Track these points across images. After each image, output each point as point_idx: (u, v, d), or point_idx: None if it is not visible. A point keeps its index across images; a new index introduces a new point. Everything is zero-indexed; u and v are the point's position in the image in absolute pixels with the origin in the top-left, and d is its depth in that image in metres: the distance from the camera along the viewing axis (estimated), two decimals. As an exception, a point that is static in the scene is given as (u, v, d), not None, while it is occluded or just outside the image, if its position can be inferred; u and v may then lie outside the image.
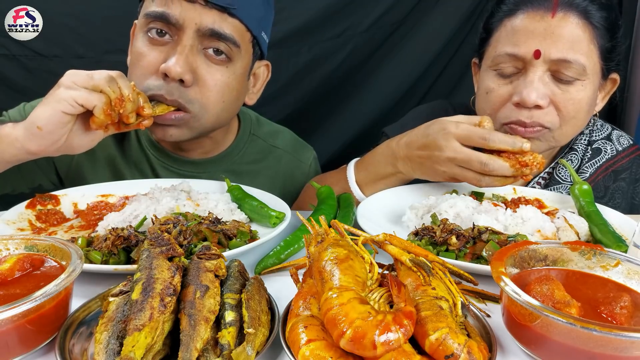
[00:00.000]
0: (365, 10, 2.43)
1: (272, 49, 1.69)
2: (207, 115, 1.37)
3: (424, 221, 1.21)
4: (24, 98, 1.58)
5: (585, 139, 1.56)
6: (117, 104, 1.12)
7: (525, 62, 1.32)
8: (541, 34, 1.30)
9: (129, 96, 1.13)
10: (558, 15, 1.30)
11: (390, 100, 2.61)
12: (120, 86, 1.13)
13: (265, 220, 1.19)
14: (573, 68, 1.29)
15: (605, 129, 1.60)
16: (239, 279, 0.82)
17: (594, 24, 1.32)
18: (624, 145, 1.58)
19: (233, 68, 1.37)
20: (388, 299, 0.72)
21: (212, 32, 1.29)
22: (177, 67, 1.27)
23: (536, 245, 0.86)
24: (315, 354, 0.64)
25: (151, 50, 1.32)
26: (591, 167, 1.53)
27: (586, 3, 1.32)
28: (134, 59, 1.37)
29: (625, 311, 0.73)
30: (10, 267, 0.81)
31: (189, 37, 1.29)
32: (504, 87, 1.37)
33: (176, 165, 1.58)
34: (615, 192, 1.54)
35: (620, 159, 1.55)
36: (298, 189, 1.70)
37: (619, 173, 1.54)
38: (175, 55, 1.28)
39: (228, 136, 1.64)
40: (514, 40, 1.34)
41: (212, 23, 1.29)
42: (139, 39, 1.35)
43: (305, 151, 1.79)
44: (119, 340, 0.65)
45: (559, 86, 1.32)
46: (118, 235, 1.00)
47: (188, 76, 1.29)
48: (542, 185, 1.56)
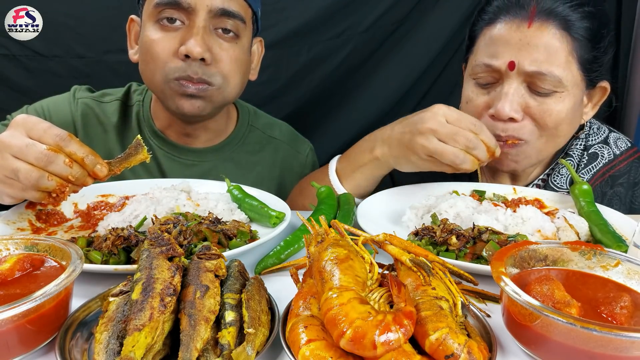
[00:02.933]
0: (365, 10, 2.43)
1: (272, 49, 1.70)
2: (229, 87, 1.46)
3: (424, 221, 1.21)
4: (23, 98, 1.59)
5: (581, 144, 1.52)
6: (56, 191, 1.02)
7: (501, 73, 1.31)
8: (516, 45, 1.27)
9: (72, 174, 1.01)
10: (535, 25, 1.27)
11: (390, 100, 2.61)
12: (59, 171, 1.00)
13: (265, 220, 1.19)
14: (548, 80, 1.26)
15: (602, 132, 1.56)
16: (239, 279, 0.82)
17: (573, 35, 1.28)
18: (622, 148, 1.54)
19: (241, 43, 1.46)
20: (388, 299, 0.72)
21: (223, 11, 1.38)
22: (197, 47, 1.34)
23: (536, 245, 0.86)
24: (315, 354, 0.64)
25: (165, 36, 1.39)
26: (588, 173, 1.50)
27: (567, 12, 1.28)
28: (146, 49, 1.41)
29: (625, 311, 0.73)
30: (10, 267, 0.81)
31: (201, 18, 1.37)
32: (481, 97, 1.37)
33: (178, 153, 1.62)
34: (613, 198, 1.51)
35: (617, 163, 1.51)
36: (296, 179, 1.73)
37: (617, 178, 1.51)
38: (193, 37, 1.35)
39: (228, 125, 1.70)
40: (491, 50, 1.32)
41: (221, 3, 1.37)
42: (148, 28, 1.41)
43: (302, 142, 1.84)
44: (119, 340, 0.65)
45: (535, 98, 1.30)
46: (118, 235, 1.00)
47: (208, 54, 1.37)
48: None
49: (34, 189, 1.01)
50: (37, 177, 0.98)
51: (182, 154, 1.62)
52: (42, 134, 1.00)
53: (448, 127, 1.19)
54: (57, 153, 0.99)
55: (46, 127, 1.01)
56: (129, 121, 1.62)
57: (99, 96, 1.63)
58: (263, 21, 1.58)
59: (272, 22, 2.29)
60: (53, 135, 1.00)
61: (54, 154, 0.98)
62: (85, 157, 1.01)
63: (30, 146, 0.98)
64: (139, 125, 1.62)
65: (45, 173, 0.99)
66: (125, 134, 1.62)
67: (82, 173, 1.02)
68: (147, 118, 1.61)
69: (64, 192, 1.02)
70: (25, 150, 0.98)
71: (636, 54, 2.58)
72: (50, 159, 0.98)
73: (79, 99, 1.60)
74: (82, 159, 1.01)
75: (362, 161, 1.40)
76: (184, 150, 1.62)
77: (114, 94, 1.65)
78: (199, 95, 1.41)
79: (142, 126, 1.62)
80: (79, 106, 1.59)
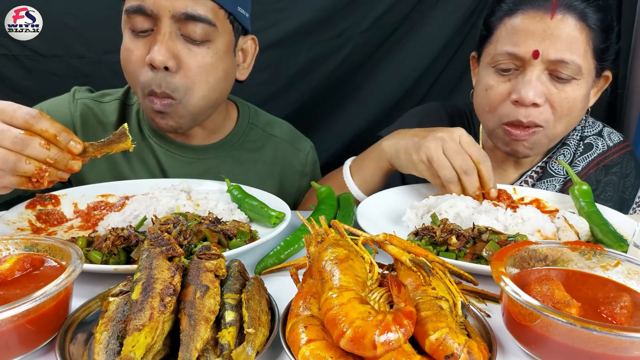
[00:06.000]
0: (365, 10, 2.43)
1: (272, 49, 1.69)
2: (194, 98, 1.41)
3: (424, 221, 1.21)
4: (23, 98, 1.58)
5: (578, 135, 1.62)
6: (36, 176, 1.00)
7: (524, 61, 1.36)
8: (540, 35, 1.33)
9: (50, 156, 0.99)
10: (557, 16, 1.33)
11: (391, 100, 2.61)
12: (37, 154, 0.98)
13: (265, 220, 1.19)
14: (570, 68, 1.33)
15: (596, 126, 1.66)
16: (239, 279, 0.82)
17: (590, 25, 1.35)
18: (615, 141, 1.64)
19: (215, 47, 1.40)
20: (388, 299, 0.72)
21: (187, 15, 1.33)
22: (159, 55, 1.31)
23: (536, 245, 0.86)
24: (315, 354, 0.64)
25: (136, 44, 1.37)
26: (583, 161, 1.60)
27: (584, 5, 1.35)
28: (123, 57, 1.41)
29: (625, 311, 0.73)
30: (10, 267, 0.81)
31: (165, 24, 1.33)
32: (502, 85, 1.41)
33: (179, 151, 1.61)
34: (607, 185, 1.60)
35: (611, 154, 1.61)
36: (296, 178, 1.75)
37: (610, 167, 1.60)
38: (157, 44, 1.32)
39: (227, 123, 1.69)
40: (514, 39, 1.37)
41: (184, 7, 1.32)
42: (125, 36, 1.40)
43: (303, 141, 1.83)
44: (119, 340, 0.65)
45: (555, 85, 1.36)
46: (118, 235, 1.00)
47: (171, 62, 1.33)
48: (535, 178, 1.61)
49: (12, 173, 0.99)
50: (15, 161, 0.97)
51: (182, 152, 1.62)
52: (11, 114, 0.98)
53: (455, 144, 1.27)
54: (33, 136, 0.98)
55: (15, 107, 0.99)
56: (128, 120, 1.62)
57: (99, 96, 1.64)
58: (263, 21, 1.57)
59: (272, 22, 2.29)
60: (23, 114, 0.98)
61: (30, 137, 0.97)
62: (58, 134, 1.00)
63: (5, 131, 0.97)
64: (139, 125, 1.62)
65: (23, 157, 0.98)
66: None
67: (62, 156, 1.01)
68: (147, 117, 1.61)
69: (43, 177, 1.00)
70: (0, 135, 0.97)
71: (636, 54, 2.58)
72: (26, 142, 0.97)
73: (78, 99, 1.60)
74: (54, 136, 0.99)
75: (369, 151, 1.48)
76: (184, 148, 1.62)
77: (113, 94, 1.65)
78: (166, 112, 1.39)
79: (142, 125, 1.62)
80: (78, 107, 1.59)
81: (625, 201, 1.61)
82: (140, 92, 1.40)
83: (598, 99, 1.53)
